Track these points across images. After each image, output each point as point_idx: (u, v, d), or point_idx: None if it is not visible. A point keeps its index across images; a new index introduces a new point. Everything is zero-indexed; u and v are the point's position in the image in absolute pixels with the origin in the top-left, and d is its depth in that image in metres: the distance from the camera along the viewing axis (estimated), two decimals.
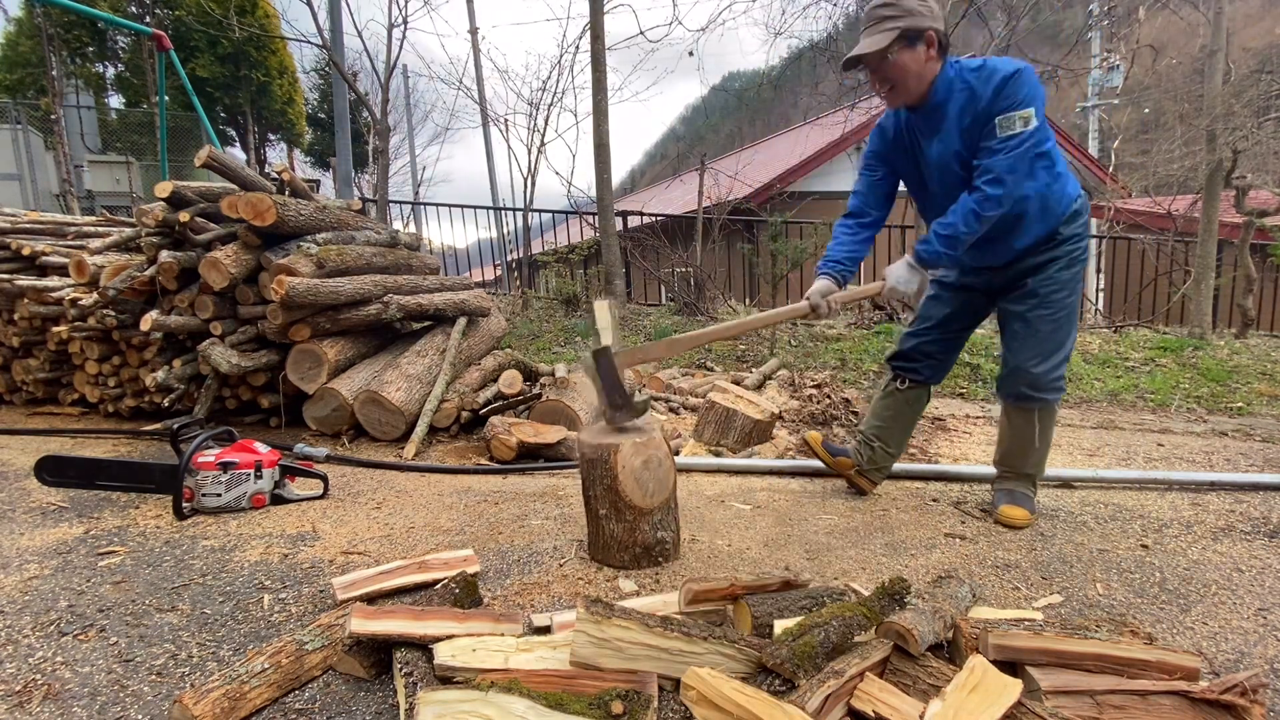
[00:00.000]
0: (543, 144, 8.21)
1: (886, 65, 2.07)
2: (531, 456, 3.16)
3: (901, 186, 2.48)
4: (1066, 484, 2.81)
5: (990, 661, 1.24)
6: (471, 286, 4.78)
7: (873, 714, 1.17)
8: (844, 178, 13.34)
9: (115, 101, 16.26)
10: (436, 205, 10.36)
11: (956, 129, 2.11)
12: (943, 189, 2.25)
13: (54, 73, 12.61)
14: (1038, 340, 2.27)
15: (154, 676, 1.47)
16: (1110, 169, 12.69)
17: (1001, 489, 2.45)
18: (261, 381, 3.60)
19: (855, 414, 3.76)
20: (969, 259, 2.36)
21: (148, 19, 13.75)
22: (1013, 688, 1.16)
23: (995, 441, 2.52)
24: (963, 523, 2.39)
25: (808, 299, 2.28)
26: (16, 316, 3.93)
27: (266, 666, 1.37)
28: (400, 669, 1.34)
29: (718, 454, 3.20)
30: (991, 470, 2.54)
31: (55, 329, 3.77)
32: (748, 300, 9.07)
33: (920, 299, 2.31)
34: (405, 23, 7.76)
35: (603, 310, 2.23)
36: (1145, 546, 2.18)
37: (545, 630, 1.54)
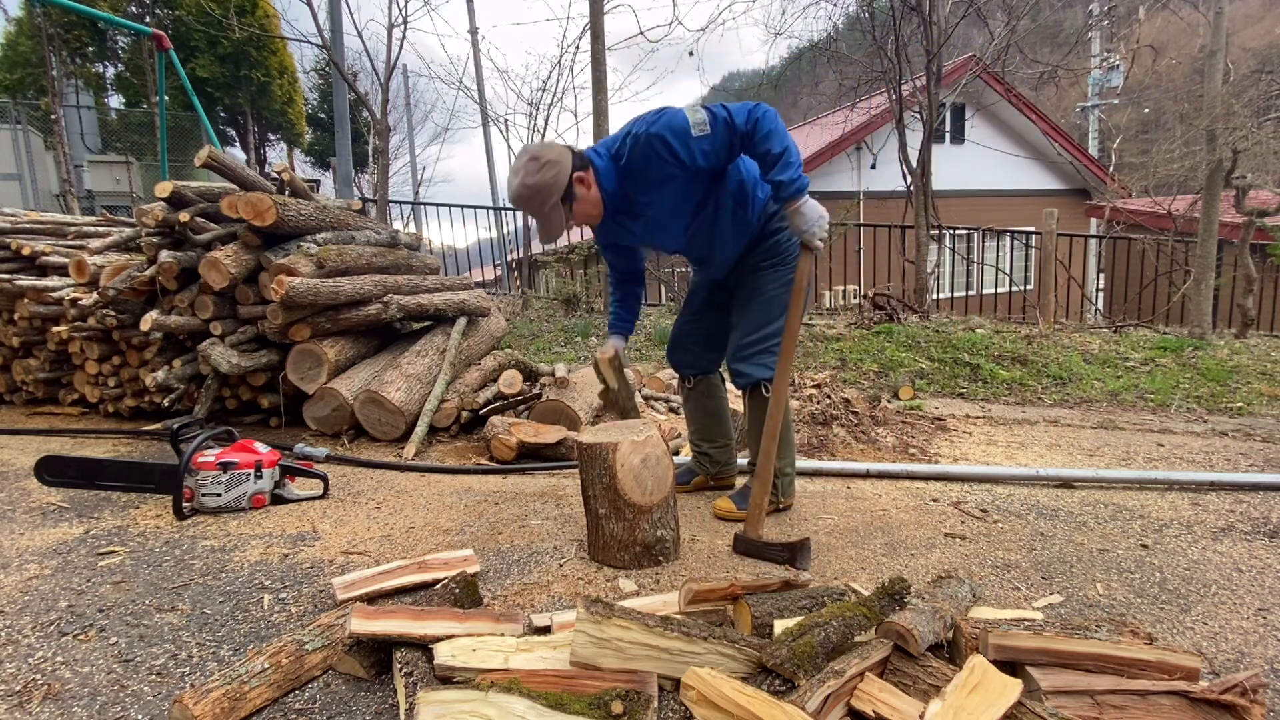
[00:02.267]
0: None
1: (576, 219, 2.16)
2: (531, 456, 3.16)
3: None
4: (1066, 484, 2.81)
5: (990, 661, 1.24)
6: (471, 286, 4.78)
7: (873, 714, 1.17)
8: (844, 178, 13.35)
9: (115, 101, 16.25)
10: (436, 205, 10.37)
11: (644, 198, 2.17)
12: (666, 241, 2.37)
13: (54, 73, 12.60)
14: (744, 320, 2.38)
15: (154, 676, 1.47)
16: (1110, 169, 12.69)
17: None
18: (261, 381, 3.60)
19: (855, 414, 3.76)
20: (709, 273, 2.52)
21: (148, 19, 13.75)
22: (1013, 688, 1.16)
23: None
24: (963, 523, 2.39)
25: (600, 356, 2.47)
26: (16, 316, 3.93)
27: (266, 666, 1.37)
28: (400, 669, 1.34)
29: None
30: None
31: (55, 329, 3.77)
32: None
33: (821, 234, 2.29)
34: (405, 23, 7.75)
35: (605, 367, 2.40)
36: (1145, 546, 2.18)
37: (545, 630, 1.54)
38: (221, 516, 2.41)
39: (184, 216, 3.46)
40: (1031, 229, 9.36)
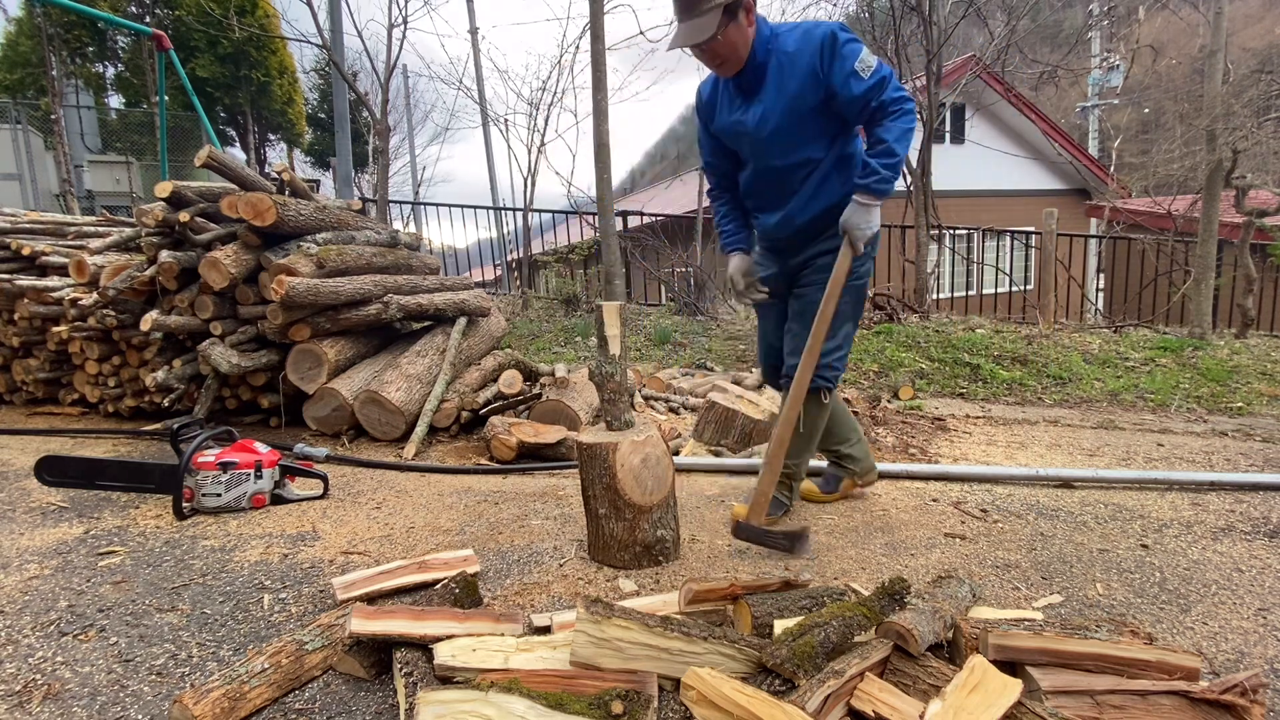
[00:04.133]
0: (543, 144, 8.21)
1: (718, 44, 2.06)
2: (531, 456, 3.16)
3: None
4: (1066, 484, 2.81)
5: (990, 661, 1.24)
6: (471, 286, 4.78)
7: (873, 714, 1.17)
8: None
9: (115, 101, 16.24)
10: (436, 205, 10.36)
11: (776, 88, 2.10)
12: (754, 155, 2.24)
13: (54, 73, 12.59)
14: (806, 327, 2.20)
15: (154, 676, 1.47)
16: (1110, 169, 12.69)
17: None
18: (261, 381, 3.60)
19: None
20: (783, 220, 2.30)
21: (148, 19, 13.74)
22: (1013, 688, 1.16)
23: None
24: (963, 523, 2.39)
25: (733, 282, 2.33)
26: (16, 316, 3.93)
27: (266, 666, 1.37)
28: (400, 669, 1.34)
29: (718, 454, 3.20)
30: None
31: (55, 329, 3.77)
32: None
33: (871, 235, 2.18)
34: (405, 23, 7.74)
35: (612, 314, 2.16)
36: (1145, 546, 2.18)
37: (545, 630, 1.54)
38: (221, 516, 2.41)
39: (184, 216, 3.46)
40: (1031, 229, 9.37)
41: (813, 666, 1.25)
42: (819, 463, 2.75)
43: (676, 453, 3.14)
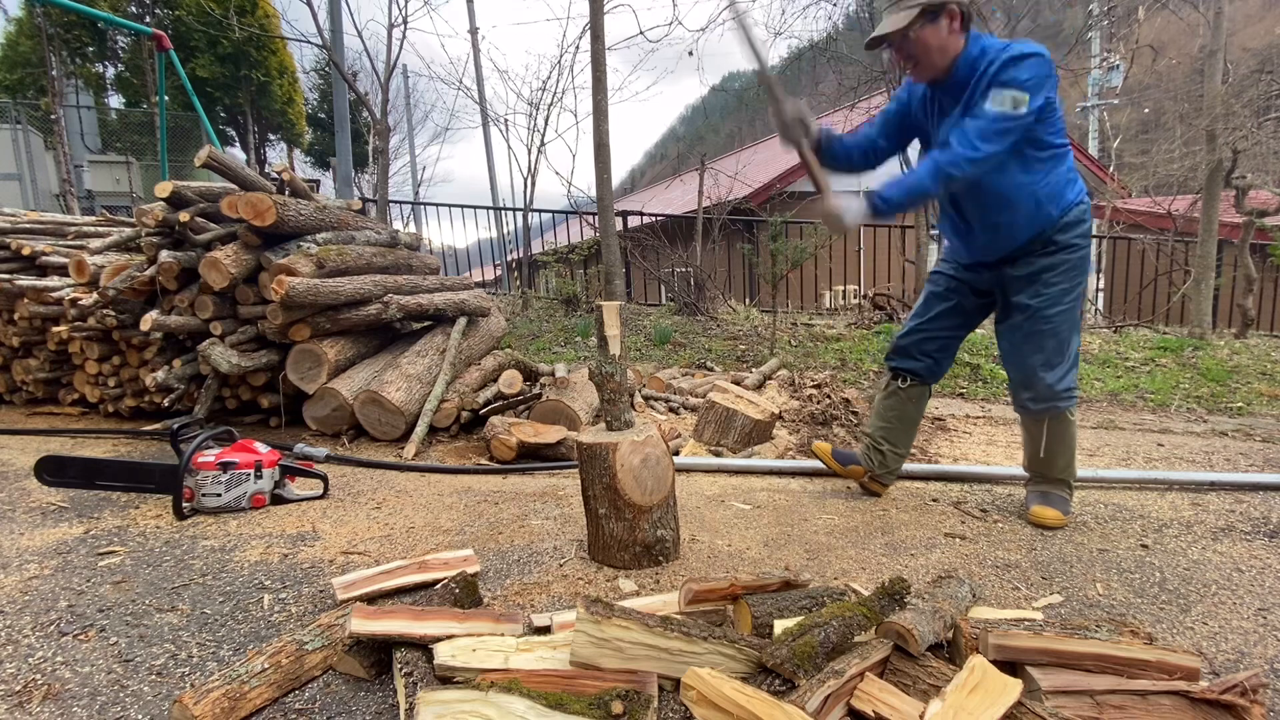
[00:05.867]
0: (543, 144, 8.21)
1: (909, 42, 2.07)
2: (531, 456, 3.16)
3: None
4: None
5: (990, 661, 1.24)
6: (471, 286, 4.78)
7: (873, 714, 1.17)
8: (844, 177, 13.32)
9: (115, 101, 16.25)
10: (436, 205, 10.37)
11: (965, 108, 2.09)
12: None
13: (54, 73, 12.60)
14: (1030, 351, 2.24)
15: (154, 676, 1.47)
16: (1110, 169, 12.69)
17: (1034, 491, 2.43)
18: (261, 381, 3.60)
19: (855, 414, 3.75)
20: (963, 252, 2.34)
21: (148, 19, 13.75)
22: (1013, 688, 1.16)
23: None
24: (963, 523, 2.39)
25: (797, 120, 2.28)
26: (16, 316, 3.93)
27: (266, 666, 1.37)
28: (400, 669, 1.34)
29: (718, 454, 3.20)
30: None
31: (55, 329, 3.77)
32: (747, 300, 9.07)
33: (839, 227, 2.18)
34: (405, 23, 7.75)
35: (612, 314, 2.13)
36: (1145, 546, 2.18)
37: (545, 630, 1.54)
38: (221, 516, 2.41)
39: (184, 216, 3.46)
40: None
41: (813, 666, 1.25)
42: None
43: (676, 453, 3.13)
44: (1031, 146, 2.09)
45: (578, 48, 11.47)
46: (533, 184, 8.35)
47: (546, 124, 8.22)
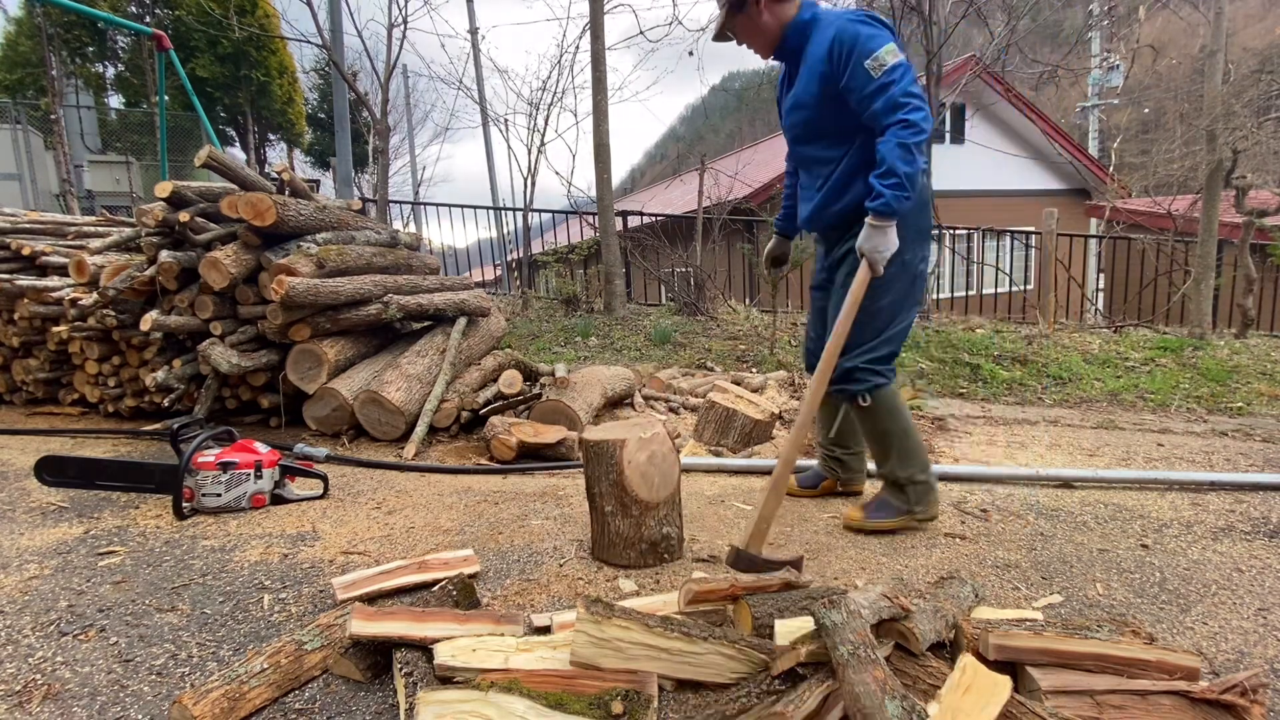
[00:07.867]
0: (543, 144, 8.20)
1: (737, 34, 2.19)
2: (531, 456, 3.16)
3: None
4: (1066, 484, 2.81)
5: (992, 662, 1.24)
6: (471, 286, 4.78)
7: None
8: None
9: (115, 101, 16.24)
10: (436, 205, 10.37)
11: (805, 75, 2.12)
12: (790, 140, 2.29)
13: (54, 73, 12.59)
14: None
15: (154, 676, 1.47)
16: (1110, 169, 12.69)
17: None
18: (261, 381, 3.60)
19: None
20: (811, 213, 2.30)
21: (148, 19, 13.74)
22: (1002, 685, 1.16)
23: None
24: (963, 523, 2.39)
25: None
26: (16, 316, 3.93)
27: (266, 666, 1.37)
28: (400, 669, 1.34)
29: (718, 454, 3.20)
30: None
31: (55, 329, 3.77)
32: (747, 300, 9.07)
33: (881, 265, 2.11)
34: (405, 23, 7.74)
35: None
36: (1145, 546, 2.18)
37: (545, 630, 1.54)
38: (221, 516, 2.41)
39: (184, 216, 3.46)
40: (1031, 229, 9.36)
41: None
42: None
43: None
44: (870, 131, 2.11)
45: (578, 48, 11.47)
46: (533, 184, 8.34)
47: (546, 124, 8.21)
